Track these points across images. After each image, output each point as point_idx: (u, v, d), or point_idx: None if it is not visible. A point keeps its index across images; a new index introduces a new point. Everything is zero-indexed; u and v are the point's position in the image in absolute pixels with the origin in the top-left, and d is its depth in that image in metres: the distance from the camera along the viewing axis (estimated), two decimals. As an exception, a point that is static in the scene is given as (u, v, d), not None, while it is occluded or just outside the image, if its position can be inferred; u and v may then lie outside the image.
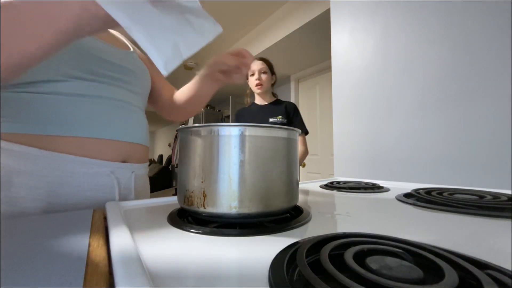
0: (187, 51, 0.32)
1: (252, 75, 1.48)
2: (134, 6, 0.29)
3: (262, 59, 1.51)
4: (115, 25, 0.29)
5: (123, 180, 0.48)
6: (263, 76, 1.48)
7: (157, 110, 0.72)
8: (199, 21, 0.34)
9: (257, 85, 1.47)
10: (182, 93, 0.68)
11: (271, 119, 1.46)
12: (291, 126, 1.44)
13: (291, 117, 1.48)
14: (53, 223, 0.33)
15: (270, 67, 1.52)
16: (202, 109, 3.51)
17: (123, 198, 0.49)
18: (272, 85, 1.57)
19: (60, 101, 0.41)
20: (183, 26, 0.32)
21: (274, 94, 1.61)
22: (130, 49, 0.59)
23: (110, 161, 0.46)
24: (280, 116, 1.45)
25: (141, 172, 0.54)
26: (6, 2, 0.29)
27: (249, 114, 1.55)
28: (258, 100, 1.57)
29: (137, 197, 0.52)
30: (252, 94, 1.61)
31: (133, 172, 0.51)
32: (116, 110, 0.47)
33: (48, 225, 0.32)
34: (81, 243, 0.25)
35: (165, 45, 0.30)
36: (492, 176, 0.77)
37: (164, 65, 0.30)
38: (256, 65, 1.47)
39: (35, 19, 0.29)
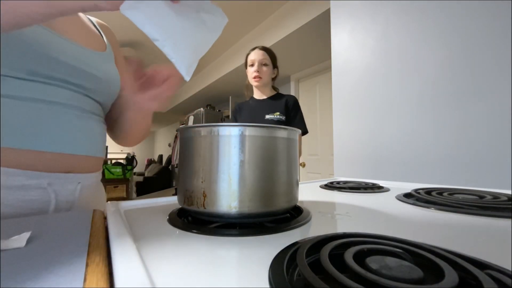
0: (202, 51, 0.33)
1: (252, 65, 1.30)
2: (160, 15, 0.29)
3: (265, 48, 1.34)
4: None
5: (63, 192, 0.42)
6: (264, 68, 1.30)
7: (110, 135, 0.61)
8: (211, 18, 0.33)
9: (255, 77, 1.30)
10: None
11: (267, 116, 1.31)
12: (290, 124, 1.35)
13: (291, 114, 1.32)
14: (53, 223, 0.33)
15: (273, 59, 1.35)
16: (202, 109, 3.51)
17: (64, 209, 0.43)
18: (273, 79, 1.41)
19: None
20: (199, 27, 0.32)
21: (274, 88, 1.45)
22: (104, 50, 0.51)
23: (45, 171, 0.39)
24: (278, 113, 1.30)
25: (90, 181, 0.48)
26: None
27: (246, 110, 1.41)
28: (257, 94, 1.42)
29: (85, 207, 0.46)
30: (251, 87, 1.44)
31: (79, 183, 0.44)
32: (59, 117, 0.40)
33: (48, 225, 0.32)
34: (81, 243, 0.25)
35: (187, 52, 0.31)
36: (492, 176, 0.77)
37: (187, 72, 0.31)
38: (257, 55, 1.29)
39: None
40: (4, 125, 0.35)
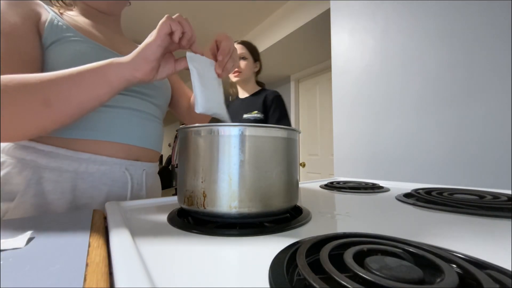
0: (217, 109, 0.46)
1: None
2: (205, 71, 0.45)
3: (243, 42, 1.30)
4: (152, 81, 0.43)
5: (135, 176, 0.54)
6: (242, 63, 1.24)
7: (178, 116, 0.78)
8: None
9: (234, 72, 1.25)
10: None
11: (245, 115, 1.24)
12: (267, 122, 1.31)
13: (269, 111, 1.23)
14: (53, 223, 0.33)
15: (252, 52, 1.29)
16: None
17: (136, 192, 0.54)
18: (257, 73, 1.34)
19: None
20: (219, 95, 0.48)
21: (259, 83, 1.37)
22: None
23: (123, 158, 0.51)
24: (256, 111, 1.23)
25: (151, 170, 0.60)
26: (73, 69, 0.38)
27: (230, 110, 1.29)
28: (240, 92, 1.36)
29: (148, 191, 0.58)
30: (235, 84, 1.38)
31: (144, 169, 0.56)
32: (134, 120, 0.54)
33: (48, 225, 0.32)
34: (81, 243, 0.25)
35: (210, 100, 0.45)
36: (492, 176, 0.77)
37: (201, 107, 0.43)
38: None
39: (94, 80, 0.38)
40: (98, 125, 0.49)
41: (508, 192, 0.56)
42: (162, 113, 0.66)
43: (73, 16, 0.56)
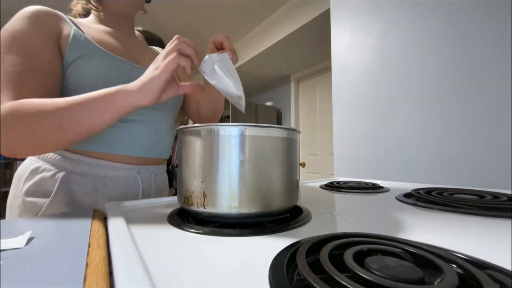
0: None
1: None
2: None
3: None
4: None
5: (145, 178, 0.61)
6: None
7: (190, 118, 0.82)
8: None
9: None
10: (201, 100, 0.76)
11: None
12: None
13: None
14: (53, 223, 0.33)
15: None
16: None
17: (146, 191, 0.61)
18: None
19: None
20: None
21: None
22: None
23: (135, 164, 0.59)
24: None
25: (160, 170, 0.67)
26: (85, 96, 0.42)
27: None
28: None
29: (157, 189, 0.64)
30: None
31: (152, 172, 0.63)
32: (147, 133, 0.59)
33: (48, 225, 0.32)
34: (81, 243, 0.25)
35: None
36: (492, 176, 0.77)
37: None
38: None
39: (103, 107, 0.42)
40: (115, 141, 0.55)
41: (508, 192, 0.56)
42: (174, 118, 0.71)
43: (90, 23, 0.59)
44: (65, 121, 0.41)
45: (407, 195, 0.52)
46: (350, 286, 0.15)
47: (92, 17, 0.62)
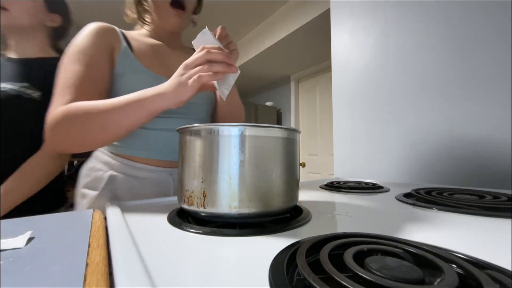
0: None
1: None
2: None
3: None
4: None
5: (176, 178, 0.65)
6: None
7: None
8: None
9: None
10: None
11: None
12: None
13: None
14: (53, 223, 0.33)
15: None
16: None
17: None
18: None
19: (142, 133, 0.61)
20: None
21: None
22: None
23: (167, 167, 0.64)
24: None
25: None
26: (124, 99, 0.48)
27: None
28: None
29: None
30: None
31: None
32: (171, 138, 0.64)
33: (48, 225, 0.32)
34: (81, 243, 0.25)
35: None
36: (492, 176, 0.77)
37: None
38: None
39: (139, 110, 0.48)
40: (150, 147, 0.62)
41: (508, 192, 0.56)
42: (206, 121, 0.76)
43: (141, 36, 0.67)
44: (107, 122, 0.48)
45: (407, 195, 0.52)
46: (350, 286, 0.15)
47: (144, 29, 0.70)
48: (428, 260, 0.19)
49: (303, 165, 2.98)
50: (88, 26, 0.59)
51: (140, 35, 0.67)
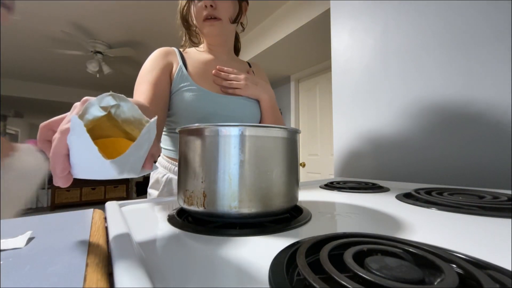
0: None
1: None
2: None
3: None
4: None
5: None
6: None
7: None
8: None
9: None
10: None
11: None
12: None
13: None
14: (53, 223, 0.33)
15: None
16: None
17: None
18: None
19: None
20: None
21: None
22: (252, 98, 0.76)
23: None
24: None
25: None
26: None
27: None
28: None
29: None
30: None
31: None
32: None
33: (48, 225, 0.32)
34: (81, 243, 0.25)
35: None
36: (492, 176, 0.77)
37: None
38: None
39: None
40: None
41: (508, 192, 0.56)
42: None
43: (196, 53, 0.74)
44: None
45: (407, 195, 0.52)
46: (350, 286, 0.15)
47: (200, 45, 0.78)
48: (428, 260, 0.19)
49: (303, 165, 2.98)
50: (153, 52, 0.69)
51: (195, 52, 0.75)
